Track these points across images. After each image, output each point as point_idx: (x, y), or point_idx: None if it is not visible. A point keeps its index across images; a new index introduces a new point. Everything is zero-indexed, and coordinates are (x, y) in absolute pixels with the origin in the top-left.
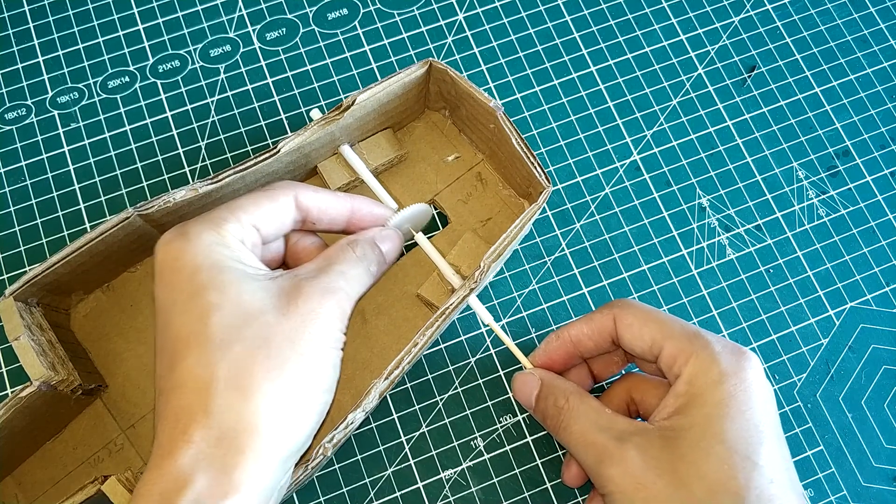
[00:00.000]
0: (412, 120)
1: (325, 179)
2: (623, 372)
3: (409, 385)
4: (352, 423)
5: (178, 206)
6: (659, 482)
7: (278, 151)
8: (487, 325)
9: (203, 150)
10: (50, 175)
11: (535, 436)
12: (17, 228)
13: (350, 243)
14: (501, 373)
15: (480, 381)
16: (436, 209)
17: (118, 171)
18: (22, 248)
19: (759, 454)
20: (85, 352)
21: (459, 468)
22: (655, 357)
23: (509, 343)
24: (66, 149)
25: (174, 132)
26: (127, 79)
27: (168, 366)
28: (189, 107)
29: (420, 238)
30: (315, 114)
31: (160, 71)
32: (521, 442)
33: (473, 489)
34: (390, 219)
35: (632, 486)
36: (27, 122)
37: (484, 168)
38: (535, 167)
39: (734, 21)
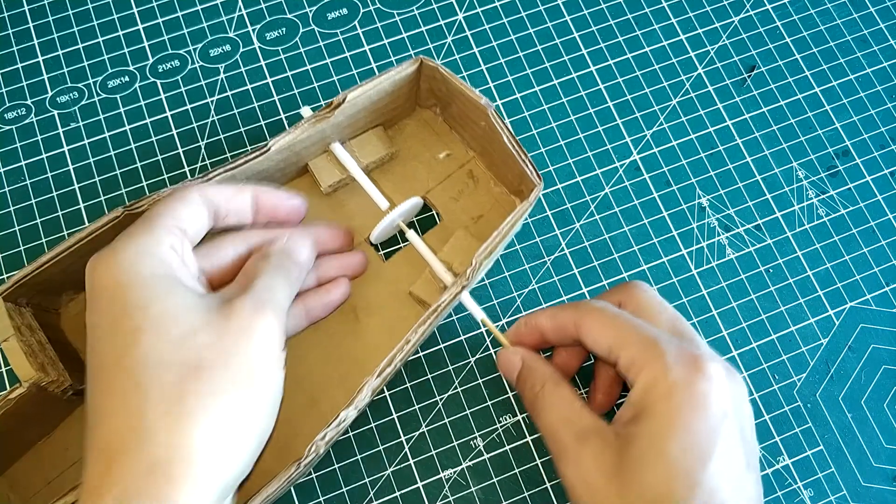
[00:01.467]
0: (403, 118)
1: (315, 177)
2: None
3: (408, 385)
4: (344, 419)
5: None
6: (606, 488)
7: (269, 149)
8: (481, 322)
9: (203, 150)
10: (50, 175)
11: (535, 436)
12: (16, 228)
13: (263, 256)
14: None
15: (480, 381)
16: (427, 207)
17: (118, 171)
18: (22, 248)
19: (702, 473)
20: (76, 351)
21: (459, 468)
22: (613, 362)
23: (492, 327)
24: (65, 149)
25: (174, 132)
26: (127, 78)
27: (96, 395)
28: (189, 106)
29: (412, 236)
30: (306, 112)
31: (160, 71)
32: (521, 442)
33: (473, 489)
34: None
35: (581, 486)
36: (27, 121)
37: (475, 165)
38: (527, 164)
39: (734, 21)
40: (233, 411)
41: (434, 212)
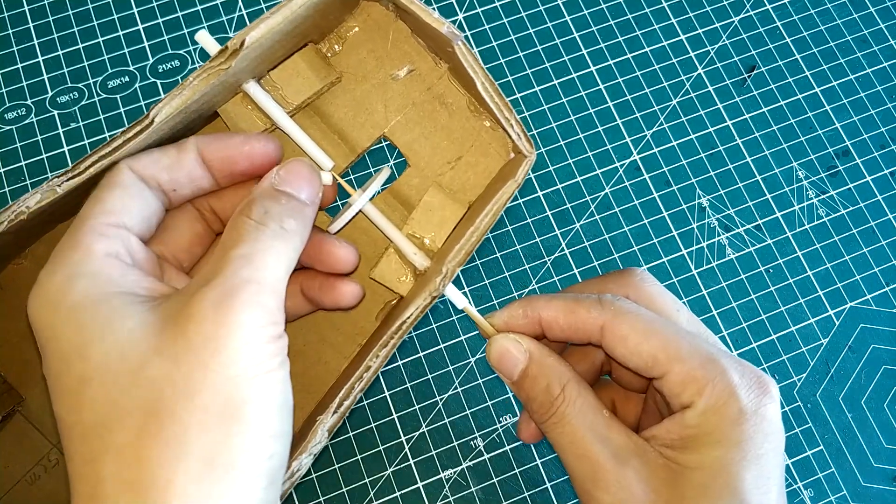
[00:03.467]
0: (341, 21)
1: (229, 129)
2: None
3: (409, 385)
4: (297, 470)
5: (36, 215)
6: None
7: (151, 122)
8: (462, 310)
9: None
10: (50, 175)
11: None
12: None
13: (241, 210)
14: None
15: (480, 381)
16: (387, 144)
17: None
18: None
19: None
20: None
21: (459, 468)
22: (654, 377)
23: (475, 315)
24: (66, 149)
25: None
26: (127, 79)
27: (65, 455)
28: None
29: (369, 209)
30: (203, 38)
31: (160, 71)
32: (521, 442)
33: (473, 489)
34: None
35: None
36: (27, 122)
37: (448, 86)
38: (512, 126)
39: (734, 21)
40: (215, 455)
41: (393, 151)
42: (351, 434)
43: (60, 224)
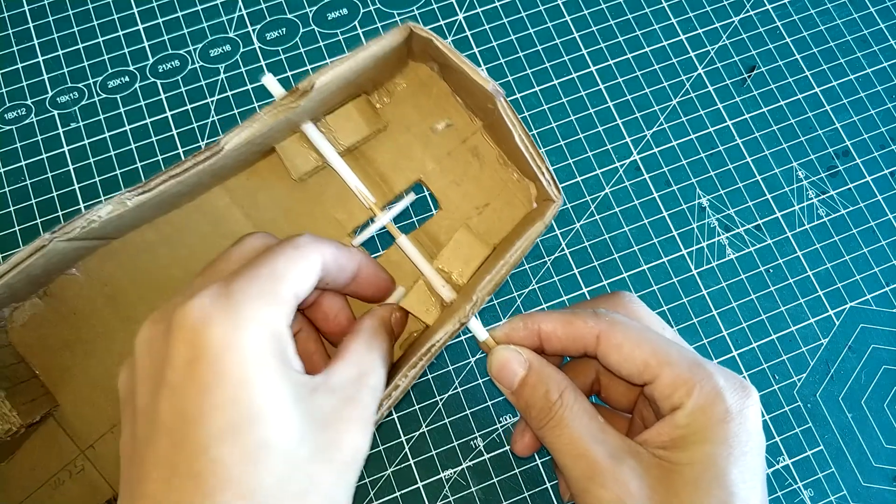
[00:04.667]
0: (392, 77)
1: (285, 164)
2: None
3: None
4: None
5: (106, 224)
6: None
7: (221, 149)
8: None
9: None
10: (50, 175)
11: None
12: (16, 228)
13: (369, 337)
14: None
15: (480, 381)
16: (424, 191)
17: (118, 171)
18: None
19: (755, 501)
20: (30, 370)
21: (459, 468)
22: (645, 382)
23: (479, 330)
24: (66, 149)
25: (174, 132)
26: (127, 79)
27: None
28: (189, 107)
29: (403, 243)
30: (269, 82)
31: (160, 71)
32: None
33: (473, 489)
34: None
35: None
36: (27, 122)
37: (481, 140)
38: (543, 174)
39: (734, 21)
40: None
41: (427, 193)
42: None
43: (114, 241)
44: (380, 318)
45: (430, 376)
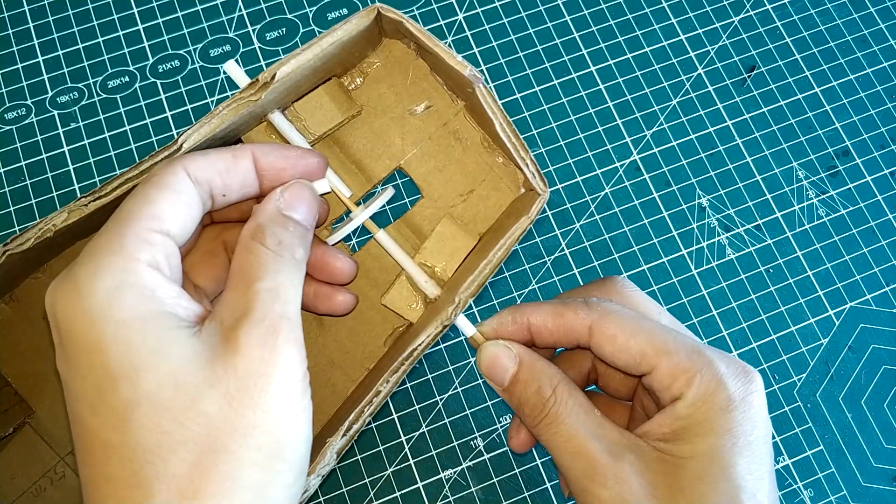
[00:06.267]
0: (365, 56)
1: None
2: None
3: (408, 385)
4: (306, 491)
5: (59, 234)
6: None
7: (180, 148)
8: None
9: None
10: (50, 175)
11: None
12: (16, 228)
13: (253, 235)
14: None
15: (480, 381)
16: (404, 177)
17: (118, 171)
18: None
19: (763, 492)
20: (2, 378)
21: (459, 468)
22: (643, 373)
23: (467, 328)
24: (66, 149)
25: (174, 132)
26: (127, 79)
27: (91, 479)
28: (189, 107)
29: (383, 238)
30: (231, 69)
31: (160, 71)
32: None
33: (473, 489)
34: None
35: None
36: (27, 122)
37: (463, 122)
38: (528, 165)
39: (734, 21)
40: (263, 491)
41: (408, 178)
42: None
43: (79, 241)
44: (250, 221)
45: (430, 376)
